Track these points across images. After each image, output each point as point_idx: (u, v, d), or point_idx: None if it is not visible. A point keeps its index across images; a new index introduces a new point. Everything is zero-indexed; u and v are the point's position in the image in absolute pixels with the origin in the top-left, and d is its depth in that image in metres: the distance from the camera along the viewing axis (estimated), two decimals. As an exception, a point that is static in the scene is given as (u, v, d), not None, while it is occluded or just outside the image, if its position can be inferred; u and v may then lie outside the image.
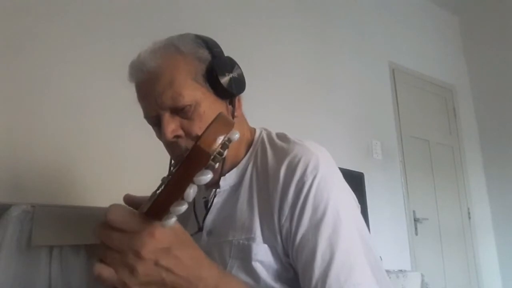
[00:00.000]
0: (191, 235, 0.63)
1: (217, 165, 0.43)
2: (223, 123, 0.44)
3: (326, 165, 0.74)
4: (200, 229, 0.82)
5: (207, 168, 0.43)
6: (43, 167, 1.59)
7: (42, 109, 1.65)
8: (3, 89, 1.57)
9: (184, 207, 0.45)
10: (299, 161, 0.73)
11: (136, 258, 0.50)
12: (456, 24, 4.30)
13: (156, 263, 0.51)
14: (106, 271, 0.50)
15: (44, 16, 1.72)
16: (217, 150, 0.42)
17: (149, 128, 0.83)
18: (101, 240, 0.51)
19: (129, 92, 0.82)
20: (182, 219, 0.87)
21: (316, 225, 0.69)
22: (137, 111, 0.82)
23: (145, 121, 0.82)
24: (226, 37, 1.09)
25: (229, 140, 0.43)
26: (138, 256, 0.50)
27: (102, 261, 0.51)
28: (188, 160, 0.43)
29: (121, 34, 1.90)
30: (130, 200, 0.69)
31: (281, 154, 0.77)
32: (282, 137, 0.84)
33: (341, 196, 0.73)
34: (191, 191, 0.44)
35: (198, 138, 0.42)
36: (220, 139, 0.42)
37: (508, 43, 3.90)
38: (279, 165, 0.75)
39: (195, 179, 0.43)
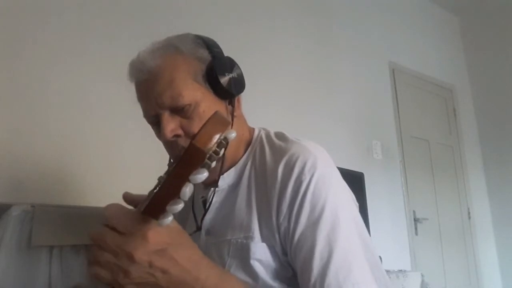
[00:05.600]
0: (190, 234, 0.63)
1: (213, 164, 0.43)
2: (218, 121, 0.44)
3: (323, 164, 0.74)
4: (199, 228, 0.82)
5: (203, 166, 0.43)
6: (43, 167, 1.59)
7: (42, 109, 1.65)
8: (3, 89, 1.57)
9: (180, 206, 0.45)
10: (296, 159, 0.73)
11: (129, 261, 0.50)
12: (456, 24, 4.30)
13: (150, 265, 0.51)
14: (102, 272, 0.51)
15: (44, 16, 1.72)
16: (213, 149, 0.42)
17: (149, 128, 0.83)
18: (96, 243, 0.52)
19: (129, 92, 0.83)
20: (181, 219, 0.87)
21: (314, 224, 0.69)
22: (137, 111, 0.82)
23: (145, 121, 0.83)
24: (226, 37, 1.09)
25: (226, 139, 0.43)
26: (131, 259, 0.50)
27: (96, 261, 0.52)
28: (184, 158, 0.43)
29: (121, 34, 1.90)
30: (129, 198, 0.69)
31: (279, 153, 0.77)
32: (280, 136, 0.84)
33: (339, 194, 0.73)
34: (187, 190, 0.44)
35: (193, 137, 0.43)
36: (216, 138, 0.43)
37: (508, 43, 3.90)
38: (277, 164, 0.75)
39: (191, 177, 0.43)
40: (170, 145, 0.78)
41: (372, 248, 0.76)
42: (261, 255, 0.73)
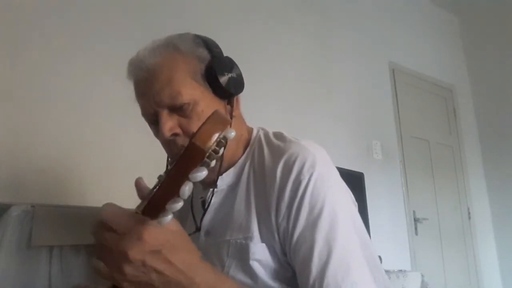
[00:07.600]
0: (189, 235, 0.63)
1: (213, 162, 0.43)
2: (218, 120, 0.44)
3: (322, 163, 0.74)
4: (198, 229, 0.82)
5: (202, 165, 0.43)
6: (43, 167, 1.59)
7: (42, 109, 1.65)
8: (3, 89, 1.57)
9: (179, 204, 0.45)
10: (295, 159, 0.73)
11: (123, 259, 0.50)
12: (456, 24, 4.30)
13: (144, 265, 0.51)
14: (101, 266, 0.52)
15: (44, 15, 1.73)
16: (213, 148, 0.43)
17: (149, 128, 0.84)
18: (96, 238, 0.53)
19: (130, 92, 0.83)
20: (180, 220, 0.87)
21: (313, 224, 0.69)
22: (137, 111, 0.82)
23: (145, 121, 0.83)
24: (226, 37, 1.09)
25: (225, 138, 0.43)
26: (125, 258, 0.50)
27: (99, 255, 0.53)
28: (184, 157, 0.43)
29: (121, 34, 1.90)
30: (140, 186, 0.67)
31: (277, 153, 0.77)
32: (279, 136, 0.84)
33: (338, 194, 0.73)
34: (187, 188, 0.44)
35: (193, 135, 0.43)
36: (215, 137, 0.43)
37: (508, 43, 3.90)
38: (276, 164, 0.75)
39: (190, 176, 0.43)
40: (168, 144, 0.78)
41: (371, 247, 0.76)
42: (260, 255, 0.73)
